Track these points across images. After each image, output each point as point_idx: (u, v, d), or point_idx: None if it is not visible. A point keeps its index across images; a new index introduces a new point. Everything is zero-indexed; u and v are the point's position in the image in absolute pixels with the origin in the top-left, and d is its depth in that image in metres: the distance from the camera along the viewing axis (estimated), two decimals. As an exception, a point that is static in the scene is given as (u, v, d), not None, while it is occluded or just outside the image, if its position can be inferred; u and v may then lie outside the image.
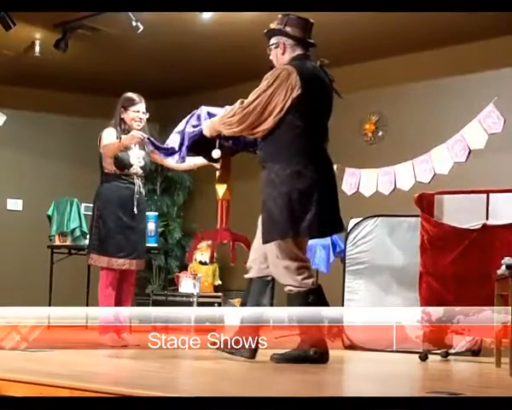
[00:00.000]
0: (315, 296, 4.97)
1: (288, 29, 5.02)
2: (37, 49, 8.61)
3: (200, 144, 5.31)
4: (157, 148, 5.58)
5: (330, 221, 4.90)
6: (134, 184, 5.96)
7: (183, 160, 5.41)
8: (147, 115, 6.02)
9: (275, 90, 4.79)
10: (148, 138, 5.69)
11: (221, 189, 5.63)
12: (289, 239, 4.81)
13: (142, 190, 6.00)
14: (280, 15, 5.13)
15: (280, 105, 4.77)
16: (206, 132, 5.17)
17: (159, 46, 8.74)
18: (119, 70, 9.62)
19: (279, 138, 4.81)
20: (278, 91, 4.78)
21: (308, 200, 4.74)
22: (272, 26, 5.10)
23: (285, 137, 4.79)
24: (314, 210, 4.73)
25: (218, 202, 5.70)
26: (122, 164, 5.91)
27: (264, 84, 4.85)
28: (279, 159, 4.81)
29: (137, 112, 5.96)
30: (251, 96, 4.85)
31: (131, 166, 5.95)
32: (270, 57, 5.06)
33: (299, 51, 4.98)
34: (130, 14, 7.45)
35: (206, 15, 7.62)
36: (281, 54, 5.00)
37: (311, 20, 5.13)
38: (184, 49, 8.87)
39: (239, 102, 4.92)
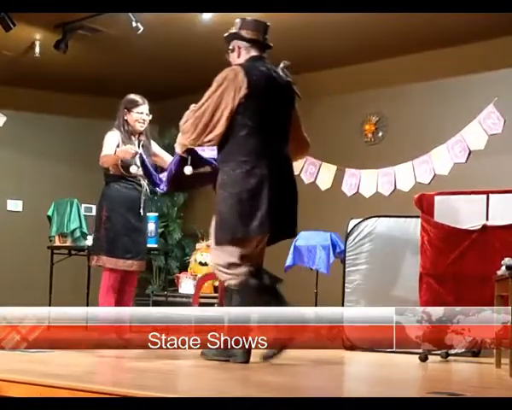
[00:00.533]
0: (244, 294, 4.93)
1: (242, 32, 5.10)
2: (38, 49, 8.60)
3: (179, 178, 5.33)
4: (145, 173, 5.69)
5: (282, 221, 4.89)
6: (141, 185, 5.97)
7: (163, 190, 5.54)
8: (150, 117, 6.03)
9: (223, 92, 4.84)
10: (141, 155, 5.73)
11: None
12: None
13: (148, 192, 6.01)
14: (237, 20, 5.15)
15: (229, 106, 4.81)
16: (177, 149, 5.17)
17: (159, 47, 8.73)
18: (119, 71, 9.62)
19: (230, 139, 4.83)
20: (226, 93, 4.84)
21: (257, 199, 4.73)
22: (230, 30, 5.10)
23: (235, 137, 4.82)
24: (263, 210, 4.72)
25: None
26: (128, 166, 5.91)
27: (212, 86, 4.90)
28: (230, 160, 4.84)
29: (141, 113, 5.97)
30: (201, 100, 4.89)
31: (138, 168, 5.96)
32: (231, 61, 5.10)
33: (253, 53, 5.02)
34: (130, 14, 7.44)
35: (207, 16, 7.62)
36: (236, 57, 5.07)
37: (267, 23, 5.17)
38: (184, 50, 8.86)
39: (191, 106, 4.97)
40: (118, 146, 5.90)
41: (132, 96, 6.03)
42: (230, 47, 5.10)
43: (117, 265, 5.87)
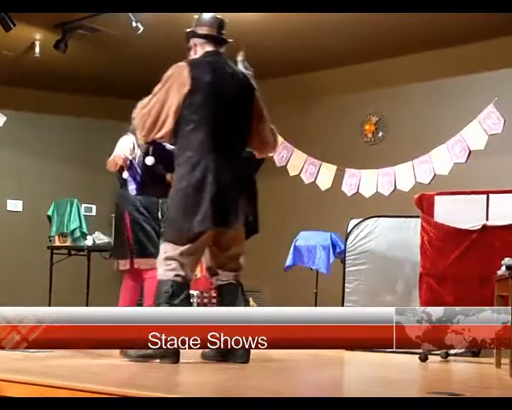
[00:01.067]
0: (172, 291, 4.87)
1: (197, 29, 5.10)
2: (37, 49, 8.61)
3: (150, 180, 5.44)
4: (131, 175, 5.73)
5: (224, 215, 4.74)
6: None
7: (137, 192, 5.64)
8: None
9: (168, 89, 4.85)
10: (131, 162, 5.73)
11: None
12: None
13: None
14: (195, 16, 5.24)
15: (175, 103, 4.79)
16: (140, 140, 5.17)
17: (159, 47, 8.73)
18: (119, 71, 9.62)
19: (179, 135, 4.80)
20: (172, 90, 4.84)
21: (200, 194, 4.65)
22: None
23: (183, 133, 4.78)
24: (205, 205, 4.63)
25: None
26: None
27: (159, 83, 4.91)
28: (179, 155, 4.80)
29: None
30: (149, 96, 4.91)
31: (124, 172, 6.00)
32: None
33: (208, 49, 5.02)
34: (130, 14, 7.44)
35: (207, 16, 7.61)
36: (193, 54, 5.07)
37: (221, 18, 5.16)
38: (184, 50, 8.85)
39: (140, 102, 4.98)
40: (133, 149, 5.93)
41: None
42: (188, 45, 5.10)
43: (152, 264, 5.89)
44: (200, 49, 5.03)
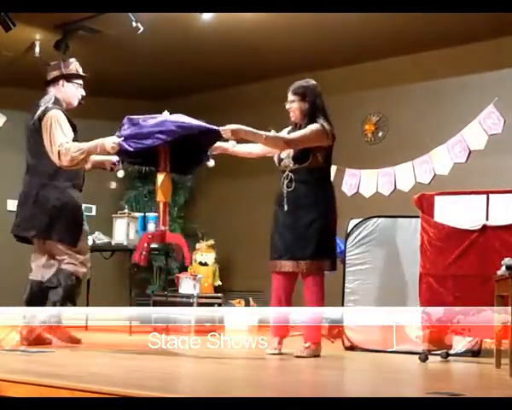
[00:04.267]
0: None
1: None
2: (38, 49, 8.61)
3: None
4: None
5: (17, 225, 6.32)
6: None
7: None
8: None
9: None
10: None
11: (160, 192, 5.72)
12: None
13: None
14: None
15: None
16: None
17: (159, 47, 8.74)
18: (119, 71, 9.62)
19: None
20: None
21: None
22: None
23: None
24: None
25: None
26: None
27: None
28: None
29: None
30: None
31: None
32: None
33: None
34: (130, 14, 7.45)
35: (207, 16, 7.63)
36: None
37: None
38: (185, 50, 8.87)
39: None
40: None
41: None
42: None
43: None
44: None
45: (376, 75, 9.07)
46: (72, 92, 6.21)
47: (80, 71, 6.24)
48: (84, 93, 6.24)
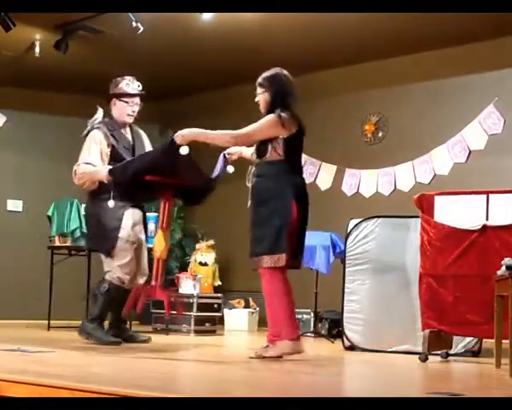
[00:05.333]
0: None
1: None
2: (38, 49, 8.61)
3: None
4: None
5: None
6: None
7: None
8: None
9: None
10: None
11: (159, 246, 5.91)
12: None
13: None
14: None
15: None
16: None
17: (159, 47, 8.74)
18: (120, 71, 9.57)
19: None
20: None
21: None
22: None
23: None
24: None
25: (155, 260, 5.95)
26: None
27: None
28: None
29: None
30: None
31: None
32: None
33: None
34: (130, 14, 7.45)
35: (207, 16, 7.63)
36: None
37: None
38: (185, 50, 8.87)
39: None
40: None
41: None
42: None
43: None
44: None
45: (376, 75, 9.06)
46: (121, 110, 6.46)
47: (130, 88, 6.53)
48: (135, 109, 6.47)
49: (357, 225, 6.42)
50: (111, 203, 5.92)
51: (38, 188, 10.14)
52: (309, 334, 7.99)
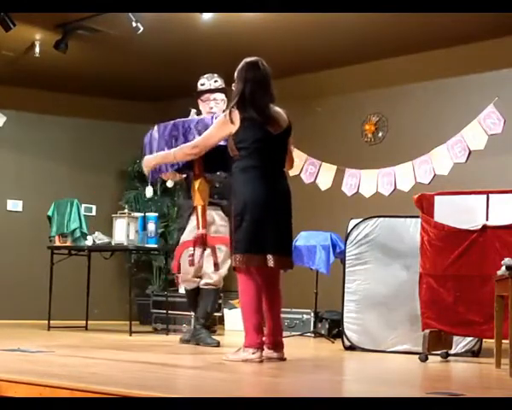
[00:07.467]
0: None
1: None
2: (38, 49, 8.61)
3: None
4: None
5: None
6: None
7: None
8: None
9: None
10: None
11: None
12: None
13: None
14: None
15: None
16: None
17: (159, 47, 8.74)
18: (120, 71, 9.62)
19: None
20: None
21: None
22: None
23: None
24: None
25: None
26: None
27: None
28: None
29: None
30: None
31: None
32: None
33: None
34: (130, 14, 7.45)
35: (207, 16, 7.63)
36: None
37: None
38: (185, 50, 8.87)
39: None
40: None
41: None
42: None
43: None
44: None
45: (376, 75, 9.06)
46: (203, 108, 6.64)
47: (206, 86, 6.68)
48: (212, 105, 6.58)
49: (357, 225, 6.41)
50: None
51: (38, 188, 10.14)
52: (309, 334, 7.99)
